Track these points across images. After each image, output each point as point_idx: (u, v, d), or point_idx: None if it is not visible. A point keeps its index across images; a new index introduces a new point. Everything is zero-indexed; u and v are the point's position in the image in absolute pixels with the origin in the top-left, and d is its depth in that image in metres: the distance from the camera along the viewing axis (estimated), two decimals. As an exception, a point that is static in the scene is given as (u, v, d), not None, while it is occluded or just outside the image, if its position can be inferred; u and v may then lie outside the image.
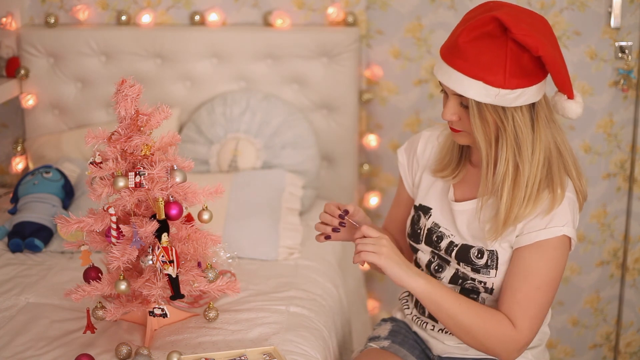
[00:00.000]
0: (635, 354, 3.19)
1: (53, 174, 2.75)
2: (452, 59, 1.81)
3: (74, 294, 1.95)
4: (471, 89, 1.79)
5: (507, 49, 1.76)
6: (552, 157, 1.87)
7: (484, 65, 1.77)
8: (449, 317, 1.87)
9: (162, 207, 1.88)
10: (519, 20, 1.76)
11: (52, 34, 3.03)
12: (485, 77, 1.77)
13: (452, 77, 1.81)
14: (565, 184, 1.88)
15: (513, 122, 1.82)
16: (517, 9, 1.82)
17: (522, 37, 1.74)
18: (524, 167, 1.84)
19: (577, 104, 1.88)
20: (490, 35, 1.76)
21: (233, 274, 2.27)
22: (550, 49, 1.77)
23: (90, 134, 1.88)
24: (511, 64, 1.76)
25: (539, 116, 1.85)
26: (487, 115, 1.81)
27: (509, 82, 1.77)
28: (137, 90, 1.88)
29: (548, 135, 1.86)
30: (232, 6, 3.06)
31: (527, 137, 1.83)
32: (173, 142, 1.95)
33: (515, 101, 1.79)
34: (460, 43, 1.78)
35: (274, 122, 2.93)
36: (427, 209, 2.04)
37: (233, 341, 1.99)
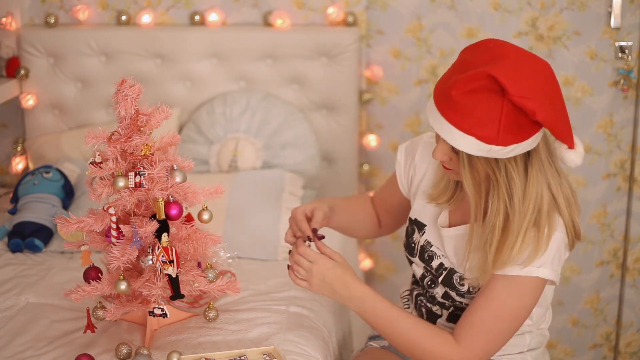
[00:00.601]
0: (635, 354, 3.19)
1: (53, 174, 2.75)
2: (444, 109, 1.71)
3: (74, 294, 1.95)
4: (463, 143, 1.71)
5: (502, 106, 1.67)
6: (543, 201, 1.79)
7: (477, 121, 1.68)
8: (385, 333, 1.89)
9: (162, 207, 1.88)
10: (517, 80, 1.66)
11: (52, 34, 3.03)
12: (478, 132, 1.68)
13: (444, 127, 1.72)
14: (554, 224, 1.80)
15: (505, 173, 1.75)
16: (518, 60, 1.71)
17: (519, 99, 1.66)
18: (514, 216, 1.77)
19: (577, 154, 1.79)
20: (485, 89, 1.67)
21: (233, 274, 2.27)
22: (548, 109, 1.69)
23: (90, 134, 1.88)
24: (506, 121, 1.67)
25: (534, 163, 1.77)
26: (478, 166, 1.75)
27: (503, 138, 1.68)
28: (137, 90, 1.88)
29: (541, 182, 1.78)
30: (232, 6, 3.06)
31: (520, 186, 1.76)
32: (173, 142, 1.95)
33: (508, 154, 1.72)
34: (454, 95, 1.68)
35: (274, 122, 2.93)
36: (421, 225, 2.02)
37: (233, 341, 1.99)
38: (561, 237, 1.81)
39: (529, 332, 1.99)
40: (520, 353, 2.00)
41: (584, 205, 3.09)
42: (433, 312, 2.01)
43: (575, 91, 3.00)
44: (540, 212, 1.79)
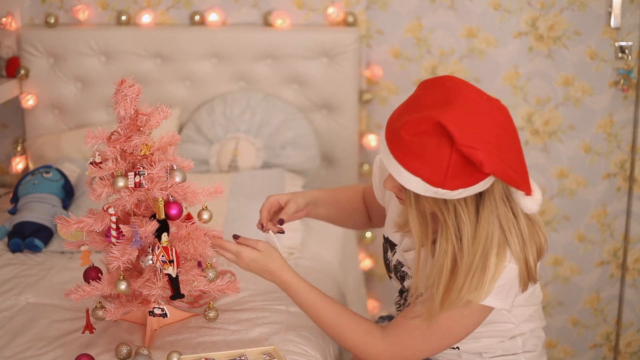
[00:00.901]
0: (635, 354, 3.19)
1: (53, 174, 2.74)
2: (393, 147, 1.68)
3: (74, 294, 1.95)
4: (410, 182, 1.67)
5: (451, 152, 1.62)
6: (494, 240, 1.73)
7: (424, 163, 1.64)
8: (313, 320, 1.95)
9: (162, 207, 1.88)
10: (465, 128, 1.61)
11: (52, 34, 3.03)
12: (425, 175, 1.64)
13: (392, 165, 1.69)
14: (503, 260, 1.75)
15: (455, 215, 1.71)
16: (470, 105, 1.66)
17: (467, 149, 1.61)
18: (462, 258, 1.73)
19: (533, 201, 1.73)
20: (434, 134, 1.63)
21: (233, 274, 2.27)
22: (498, 161, 1.63)
23: (90, 134, 1.88)
24: (454, 167, 1.63)
25: (486, 204, 1.71)
26: (425, 205, 1.71)
27: (450, 183, 1.64)
28: (137, 90, 1.87)
29: (493, 222, 1.73)
30: (232, 6, 3.06)
31: (469, 228, 1.71)
32: (173, 142, 1.95)
33: (457, 196, 1.67)
34: (403, 136, 1.65)
35: (274, 122, 2.93)
36: (393, 245, 2.02)
37: (233, 341, 1.99)
38: (513, 269, 1.76)
39: (520, 334, 1.98)
40: (515, 355, 1.99)
41: (584, 205, 3.09)
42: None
43: (575, 91, 3.00)
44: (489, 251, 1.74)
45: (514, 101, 3.02)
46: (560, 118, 3.03)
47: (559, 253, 3.14)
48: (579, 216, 3.11)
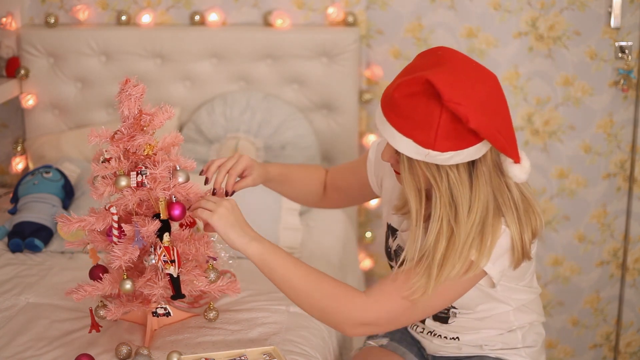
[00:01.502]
0: (635, 354, 3.19)
1: (53, 174, 2.74)
2: (387, 110, 1.72)
3: (75, 294, 1.95)
4: (401, 144, 1.70)
5: (441, 112, 1.66)
6: (489, 213, 1.75)
7: (415, 124, 1.67)
8: (285, 282, 1.82)
9: (164, 207, 1.88)
10: (453, 86, 1.65)
11: (52, 34, 3.03)
12: (416, 136, 1.68)
13: (386, 129, 1.72)
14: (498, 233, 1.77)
15: (448, 181, 1.72)
16: (460, 67, 1.70)
17: (453, 105, 1.64)
18: (459, 228, 1.74)
19: (521, 169, 1.74)
20: (424, 94, 1.67)
21: (233, 274, 2.27)
22: (484, 119, 1.66)
23: (94, 133, 1.88)
24: (444, 127, 1.66)
25: (479, 173, 1.73)
26: (418, 171, 1.73)
27: (440, 144, 1.67)
28: (141, 89, 1.88)
29: (488, 193, 1.75)
30: (232, 6, 3.06)
31: (464, 196, 1.73)
32: (176, 142, 1.95)
33: (448, 161, 1.69)
34: (395, 97, 1.69)
35: (274, 122, 2.93)
36: (394, 230, 2.02)
37: (233, 341, 1.99)
38: (505, 238, 1.77)
39: (519, 327, 1.99)
40: (515, 349, 2.00)
41: (584, 205, 3.10)
42: None
43: (575, 91, 3.00)
44: (485, 222, 1.75)
45: (514, 101, 3.02)
46: (560, 118, 3.03)
47: (559, 253, 3.14)
48: (579, 216, 3.11)
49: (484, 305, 1.94)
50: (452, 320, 1.97)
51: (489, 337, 1.98)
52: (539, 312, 2.04)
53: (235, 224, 1.82)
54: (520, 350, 2.00)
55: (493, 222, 1.76)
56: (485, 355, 2.00)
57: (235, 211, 1.83)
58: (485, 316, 1.96)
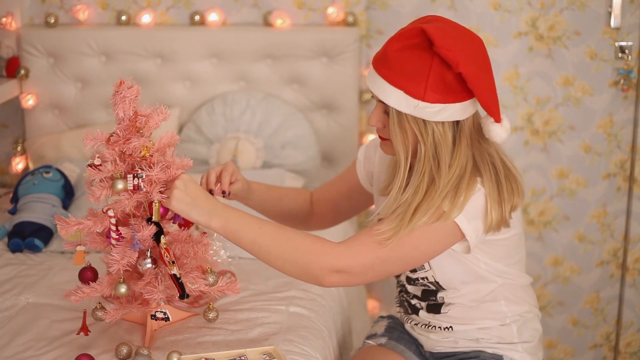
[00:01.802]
0: (635, 354, 3.19)
1: (53, 174, 2.75)
2: (378, 66, 1.80)
3: (74, 296, 1.94)
4: (392, 97, 1.77)
5: (431, 63, 1.74)
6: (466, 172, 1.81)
7: (406, 75, 1.75)
8: (254, 245, 1.82)
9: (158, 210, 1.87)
10: (446, 36, 1.74)
11: (52, 34, 3.03)
12: (407, 87, 1.75)
13: (377, 84, 1.80)
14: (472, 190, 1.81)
15: (433, 137, 1.79)
16: (451, 25, 1.80)
17: (444, 51, 1.72)
18: (440, 179, 1.81)
19: (502, 127, 1.81)
20: (416, 47, 1.75)
21: (233, 274, 2.27)
22: (473, 68, 1.74)
23: (89, 136, 1.87)
24: (434, 78, 1.74)
25: (462, 134, 1.81)
26: (407, 126, 1.80)
27: (430, 95, 1.75)
28: (136, 91, 1.86)
29: (468, 154, 1.82)
30: (232, 6, 3.07)
31: (447, 152, 1.80)
32: (172, 142, 1.94)
33: (435, 116, 1.77)
34: (388, 51, 1.78)
35: (274, 122, 2.93)
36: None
37: (233, 341, 1.99)
38: (480, 197, 1.82)
39: (513, 321, 2.01)
40: (511, 344, 2.01)
41: (584, 205, 3.09)
42: (413, 305, 2.05)
43: (575, 91, 3.00)
44: (461, 179, 1.81)
45: (514, 101, 3.02)
46: (560, 118, 3.03)
47: (559, 253, 3.14)
48: (579, 216, 3.11)
49: (470, 286, 1.95)
50: (444, 310, 1.99)
51: (483, 330, 1.99)
52: (531, 303, 2.04)
53: (191, 202, 1.80)
54: (517, 345, 2.01)
55: (469, 180, 1.82)
56: (481, 350, 2.01)
57: (189, 189, 1.81)
58: (474, 299, 1.97)
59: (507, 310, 1.99)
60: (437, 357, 2.08)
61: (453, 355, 2.05)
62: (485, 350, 2.00)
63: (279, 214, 2.21)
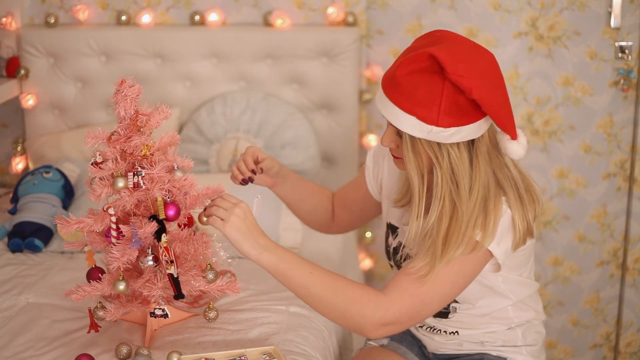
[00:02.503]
0: (635, 354, 3.19)
1: (53, 174, 2.75)
2: (389, 90, 1.75)
3: (75, 294, 1.95)
4: (404, 123, 1.73)
5: (443, 87, 1.70)
6: (490, 191, 1.79)
7: (418, 101, 1.71)
8: (301, 289, 1.80)
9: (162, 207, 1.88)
10: (456, 60, 1.69)
11: (52, 34, 3.03)
12: (419, 112, 1.71)
13: (388, 108, 1.75)
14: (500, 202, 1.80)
15: (449, 159, 1.76)
16: (460, 44, 1.75)
17: (456, 77, 1.68)
18: (461, 204, 1.77)
19: (519, 145, 1.78)
20: (426, 70, 1.71)
21: (233, 274, 2.27)
22: (486, 91, 1.70)
23: (90, 135, 1.88)
24: (446, 102, 1.70)
25: (479, 152, 1.77)
26: (421, 149, 1.76)
27: (443, 120, 1.71)
28: (137, 90, 1.87)
29: (488, 172, 1.79)
30: (232, 6, 3.07)
31: (465, 173, 1.76)
32: (172, 142, 1.94)
33: (450, 138, 1.73)
34: (397, 76, 1.73)
35: (274, 122, 2.93)
36: (394, 228, 2.03)
37: (233, 341, 1.99)
38: (508, 216, 1.80)
39: (518, 325, 2.00)
40: (515, 347, 2.01)
41: (584, 205, 3.10)
42: None
43: (575, 91, 3.00)
44: (487, 201, 1.78)
45: (514, 101, 3.02)
46: (560, 118, 3.03)
47: (559, 253, 3.14)
48: (579, 216, 3.11)
49: (484, 300, 1.94)
50: (452, 316, 1.98)
51: (488, 334, 1.99)
52: (537, 309, 2.04)
53: (247, 233, 1.79)
54: (521, 348, 2.01)
55: (495, 201, 1.79)
56: (486, 353, 2.00)
57: (247, 219, 1.80)
58: (485, 312, 1.96)
59: (514, 317, 1.99)
60: (440, 359, 2.08)
61: (457, 357, 2.04)
62: (490, 353, 2.00)
63: (304, 211, 2.21)
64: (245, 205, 1.81)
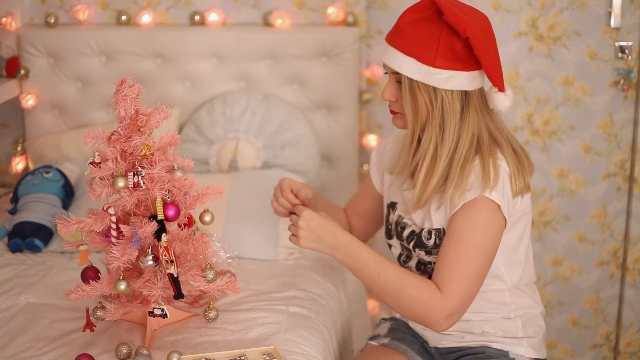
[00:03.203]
0: (635, 354, 3.19)
1: (53, 174, 2.75)
2: (392, 39, 1.93)
3: (74, 294, 1.95)
4: (404, 65, 1.90)
5: (441, 31, 1.87)
6: (483, 138, 1.93)
7: (418, 44, 1.89)
8: (372, 283, 1.94)
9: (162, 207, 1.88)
10: (454, 6, 1.87)
11: (52, 34, 3.03)
12: (418, 54, 1.88)
13: (390, 55, 1.93)
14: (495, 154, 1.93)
15: (441, 105, 1.91)
16: (460, 2, 1.92)
17: (453, 18, 1.85)
18: (442, 149, 1.92)
19: (506, 96, 1.94)
20: (428, 18, 1.88)
21: (233, 274, 2.27)
22: (480, 36, 1.86)
23: (90, 134, 1.88)
24: (444, 45, 1.87)
25: (470, 104, 1.93)
26: (418, 93, 1.91)
27: (440, 61, 1.88)
28: (137, 90, 1.87)
29: (480, 124, 1.94)
30: (232, 6, 3.07)
31: (453, 121, 1.92)
32: (173, 142, 1.95)
33: (445, 83, 1.89)
34: (401, 24, 1.92)
35: (274, 122, 2.93)
36: (394, 204, 2.12)
37: (233, 341, 1.99)
38: (504, 168, 1.92)
39: (517, 316, 2.03)
40: (516, 338, 2.02)
41: (584, 205, 3.09)
42: None
43: (575, 91, 3.00)
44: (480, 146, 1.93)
45: (514, 101, 3.01)
46: (560, 118, 3.03)
47: (559, 253, 3.14)
48: (579, 216, 3.11)
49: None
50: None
51: (488, 323, 2.00)
52: (535, 299, 2.08)
53: (317, 240, 1.94)
54: (522, 340, 2.02)
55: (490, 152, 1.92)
56: (487, 345, 2.01)
57: (312, 226, 1.94)
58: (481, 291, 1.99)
59: (510, 302, 2.02)
60: (442, 353, 2.09)
61: (459, 350, 2.05)
62: (491, 346, 2.01)
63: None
64: (307, 213, 1.94)
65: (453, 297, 1.89)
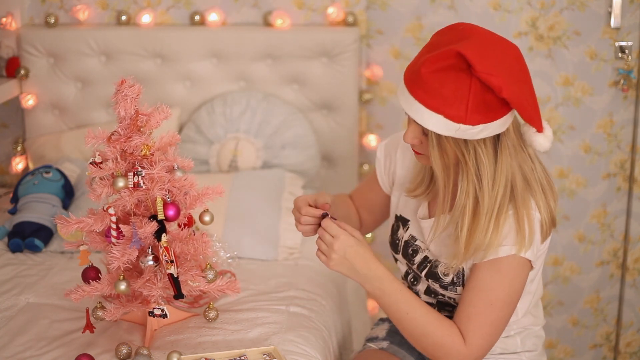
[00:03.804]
0: (635, 354, 3.19)
1: (53, 174, 2.75)
2: (413, 88, 1.73)
3: (74, 294, 1.95)
4: (431, 121, 1.72)
5: (470, 84, 1.68)
6: (516, 184, 1.79)
7: (445, 99, 1.69)
8: (397, 320, 1.86)
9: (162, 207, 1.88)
10: (484, 57, 1.67)
11: (52, 34, 3.03)
12: (446, 111, 1.69)
13: (414, 107, 1.73)
14: (529, 204, 1.81)
15: (475, 155, 1.76)
16: (486, 39, 1.73)
17: (485, 76, 1.67)
18: (483, 199, 1.77)
19: (545, 137, 1.78)
20: (453, 68, 1.69)
21: (233, 274, 2.27)
22: (515, 88, 1.69)
23: (90, 134, 1.88)
24: (474, 100, 1.69)
25: (503, 146, 1.77)
26: (447, 147, 1.76)
27: (471, 118, 1.69)
28: (137, 90, 1.87)
29: (513, 165, 1.79)
30: (232, 6, 3.07)
31: (489, 169, 1.76)
32: (173, 142, 1.95)
33: (477, 135, 1.72)
34: (423, 73, 1.70)
35: (274, 122, 2.93)
36: (405, 221, 2.03)
37: (233, 341, 1.99)
38: (537, 217, 1.81)
39: (517, 333, 1.99)
40: (515, 353, 2.00)
41: (584, 205, 3.10)
42: None
43: (575, 91, 3.00)
44: (514, 194, 1.79)
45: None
46: (560, 118, 3.03)
47: (559, 253, 3.14)
48: (579, 216, 3.11)
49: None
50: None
51: None
52: (537, 315, 2.03)
53: (350, 267, 1.84)
54: (520, 354, 2.00)
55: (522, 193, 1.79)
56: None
57: (348, 254, 1.83)
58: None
59: (512, 322, 1.97)
60: None
61: None
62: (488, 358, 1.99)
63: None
64: (345, 238, 1.83)
65: (476, 349, 1.82)
